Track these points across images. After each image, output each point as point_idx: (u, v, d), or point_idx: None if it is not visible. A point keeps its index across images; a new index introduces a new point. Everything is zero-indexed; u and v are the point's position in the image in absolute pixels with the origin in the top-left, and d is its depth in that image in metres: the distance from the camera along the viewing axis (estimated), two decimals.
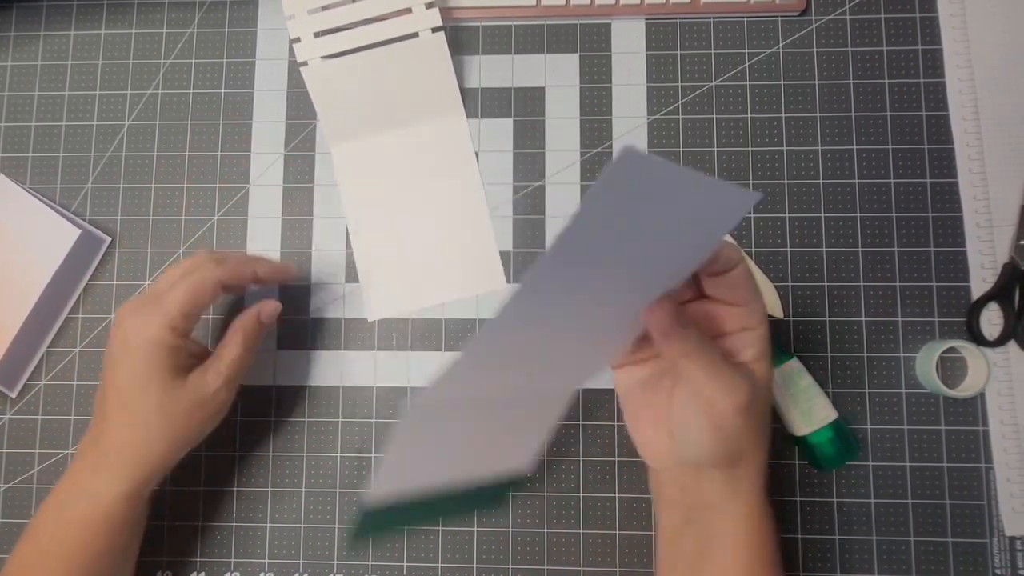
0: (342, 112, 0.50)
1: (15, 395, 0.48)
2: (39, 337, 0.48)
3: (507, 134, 0.50)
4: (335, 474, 0.47)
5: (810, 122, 0.50)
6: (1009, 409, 0.46)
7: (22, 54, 0.52)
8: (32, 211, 0.48)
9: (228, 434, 0.48)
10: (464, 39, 0.51)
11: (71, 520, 0.38)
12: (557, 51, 0.51)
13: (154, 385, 0.38)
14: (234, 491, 0.47)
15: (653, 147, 0.50)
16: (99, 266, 0.50)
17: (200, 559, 0.47)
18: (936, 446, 0.46)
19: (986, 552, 0.45)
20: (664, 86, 0.50)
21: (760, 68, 0.50)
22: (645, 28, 0.51)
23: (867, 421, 0.47)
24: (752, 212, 0.49)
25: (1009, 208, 0.48)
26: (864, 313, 0.48)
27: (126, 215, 0.50)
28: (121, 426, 0.39)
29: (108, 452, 0.39)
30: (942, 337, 0.47)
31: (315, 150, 0.51)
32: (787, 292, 0.48)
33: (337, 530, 0.47)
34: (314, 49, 0.48)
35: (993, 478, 0.46)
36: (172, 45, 0.52)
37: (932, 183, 0.49)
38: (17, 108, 0.52)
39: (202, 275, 0.39)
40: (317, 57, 0.48)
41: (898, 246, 0.48)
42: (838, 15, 0.51)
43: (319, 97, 0.49)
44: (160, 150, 0.51)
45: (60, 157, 0.51)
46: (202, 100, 0.51)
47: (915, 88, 0.50)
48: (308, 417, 0.48)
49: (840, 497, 0.46)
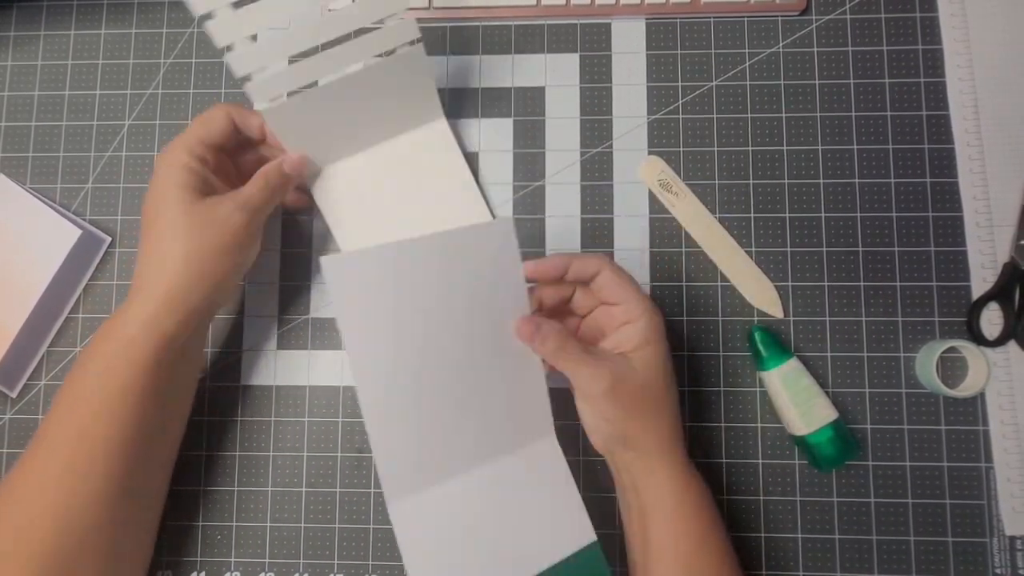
0: (312, 143, 0.45)
1: (15, 395, 0.48)
2: (39, 337, 0.48)
3: (507, 134, 0.50)
4: (335, 474, 0.47)
5: (810, 122, 0.50)
6: (1009, 409, 0.46)
7: (22, 54, 0.52)
8: (32, 211, 0.48)
9: (228, 434, 0.48)
10: (464, 39, 0.51)
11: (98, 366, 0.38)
12: (557, 51, 0.51)
13: (170, 199, 0.39)
14: (234, 491, 0.47)
15: (653, 147, 0.50)
16: (99, 266, 0.50)
17: (200, 559, 0.47)
18: (936, 446, 0.46)
19: (986, 552, 0.45)
20: (664, 86, 0.50)
21: (760, 68, 0.50)
22: (645, 28, 0.51)
23: (867, 421, 0.47)
24: (752, 212, 0.49)
25: (1009, 208, 0.48)
26: (864, 313, 0.48)
27: (126, 215, 0.50)
28: (143, 255, 0.39)
29: (133, 288, 0.39)
30: (942, 337, 0.47)
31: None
32: (787, 292, 0.48)
33: (337, 530, 0.47)
34: (271, 89, 0.40)
35: (993, 478, 0.46)
36: (172, 45, 0.52)
37: (932, 183, 0.49)
38: (17, 108, 0.52)
39: (213, 107, 0.42)
40: (281, 96, 0.41)
41: (898, 246, 0.48)
42: (838, 15, 0.51)
43: (286, 136, 0.43)
44: (160, 150, 0.51)
45: (60, 157, 0.51)
46: (202, 100, 0.51)
47: (915, 88, 0.50)
48: (308, 417, 0.48)
49: (840, 497, 0.46)
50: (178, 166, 0.39)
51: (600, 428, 0.39)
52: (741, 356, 0.48)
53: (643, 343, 0.39)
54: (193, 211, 0.38)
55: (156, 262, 0.39)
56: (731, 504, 0.46)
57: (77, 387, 0.38)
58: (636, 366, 0.38)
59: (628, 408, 0.38)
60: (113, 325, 0.39)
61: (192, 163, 0.39)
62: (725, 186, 0.49)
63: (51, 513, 0.36)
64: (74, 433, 0.38)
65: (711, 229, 0.48)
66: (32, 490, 0.37)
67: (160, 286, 0.38)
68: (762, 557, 0.46)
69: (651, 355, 0.39)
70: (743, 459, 0.47)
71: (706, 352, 0.48)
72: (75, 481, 0.37)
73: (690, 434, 0.47)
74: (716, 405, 0.47)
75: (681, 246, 0.49)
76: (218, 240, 0.39)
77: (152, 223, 0.39)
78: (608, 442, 0.40)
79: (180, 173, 0.39)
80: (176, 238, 0.38)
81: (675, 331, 0.48)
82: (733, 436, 0.47)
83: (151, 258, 0.39)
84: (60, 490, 0.37)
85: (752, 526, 0.46)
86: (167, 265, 0.38)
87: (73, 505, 0.37)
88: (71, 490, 0.37)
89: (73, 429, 0.38)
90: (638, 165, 0.49)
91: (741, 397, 0.47)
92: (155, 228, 0.39)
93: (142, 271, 0.39)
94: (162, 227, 0.39)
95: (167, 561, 0.47)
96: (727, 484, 0.46)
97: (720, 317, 0.48)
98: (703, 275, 0.48)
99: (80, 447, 0.37)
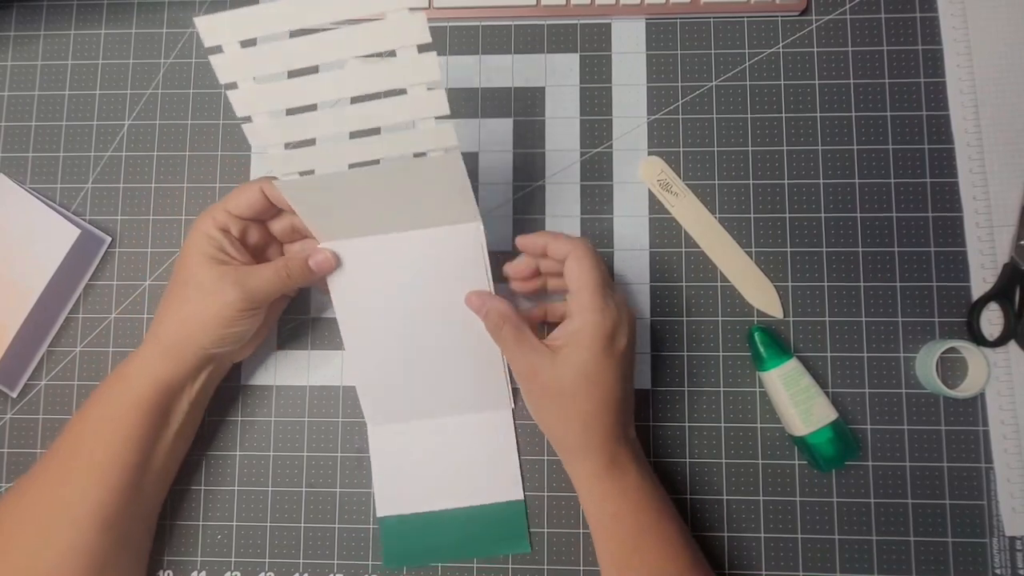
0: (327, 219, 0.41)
1: (16, 395, 0.48)
2: (39, 337, 0.48)
3: (507, 134, 0.50)
4: (335, 474, 0.47)
5: (810, 122, 0.50)
6: (1009, 409, 0.46)
7: (22, 54, 0.52)
8: (32, 211, 0.48)
9: (229, 433, 0.48)
10: (464, 39, 0.51)
11: (105, 402, 0.41)
12: (557, 51, 0.51)
13: (186, 262, 0.41)
14: (234, 490, 0.47)
15: (653, 147, 0.50)
16: (99, 266, 0.50)
17: (200, 559, 0.47)
18: (936, 446, 0.46)
19: (986, 552, 0.45)
20: (664, 86, 0.50)
21: (760, 68, 0.50)
22: (645, 28, 0.51)
23: (867, 421, 0.47)
24: (752, 212, 0.49)
25: (1009, 208, 0.48)
26: (864, 313, 0.48)
27: (126, 215, 0.50)
28: (159, 306, 0.42)
29: (146, 334, 0.43)
30: (942, 337, 0.47)
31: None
32: (787, 292, 0.48)
33: (337, 530, 0.47)
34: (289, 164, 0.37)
35: (993, 478, 0.46)
36: (172, 45, 0.52)
37: (932, 183, 0.49)
38: (17, 108, 0.52)
39: (249, 182, 0.42)
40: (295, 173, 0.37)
41: (898, 246, 0.48)
42: (838, 15, 0.51)
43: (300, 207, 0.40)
44: (160, 150, 0.51)
45: (60, 157, 0.51)
46: (202, 100, 0.51)
47: (915, 88, 0.50)
48: (308, 417, 0.48)
49: (840, 497, 0.46)
50: (200, 232, 0.41)
51: (543, 424, 0.42)
52: (741, 356, 0.48)
53: (567, 343, 0.39)
54: (198, 277, 0.40)
55: (161, 315, 0.42)
56: (730, 504, 0.46)
57: (79, 422, 0.41)
58: (554, 363, 0.39)
59: (535, 405, 0.41)
60: (121, 364, 0.42)
61: (212, 231, 0.41)
62: (725, 186, 0.49)
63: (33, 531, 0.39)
64: (71, 457, 0.40)
65: (711, 229, 0.48)
66: (22, 509, 0.40)
67: (159, 338, 0.41)
68: (762, 557, 0.46)
69: (569, 358, 0.38)
70: (743, 459, 0.47)
71: (706, 352, 0.48)
72: (61, 507, 0.39)
73: (690, 434, 0.47)
74: (716, 405, 0.47)
75: (681, 246, 0.49)
76: (210, 311, 0.40)
77: (171, 279, 0.42)
78: (550, 439, 0.42)
79: (199, 240, 0.41)
80: (178, 297, 0.41)
81: (675, 331, 0.48)
82: (733, 436, 0.47)
83: (161, 311, 0.42)
84: (47, 513, 0.39)
85: (752, 526, 0.46)
86: (165, 321, 0.41)
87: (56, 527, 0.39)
88: (59, 513, 0.39)
89: (70, 453, 0.41)
90: (638, 165, 0.49)
91: (741, 397, 0.47)
92: (170, 284, 0.42)
93: (154, 320, 0.42)
94: (174, 285, 0.42)
95: (168, 560, 0.47)
96: (727, 484, 0.46)
97: (720, 317, 0.48)
98: (703, 275, 0.48)
99: (71, 472, 0.40)
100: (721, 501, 0.46)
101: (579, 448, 0.40)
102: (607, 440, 0.40)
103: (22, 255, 0.47)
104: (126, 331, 0.49)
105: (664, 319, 0.48)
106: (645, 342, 0.48)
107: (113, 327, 0.49)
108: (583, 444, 0.40)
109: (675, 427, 0.47)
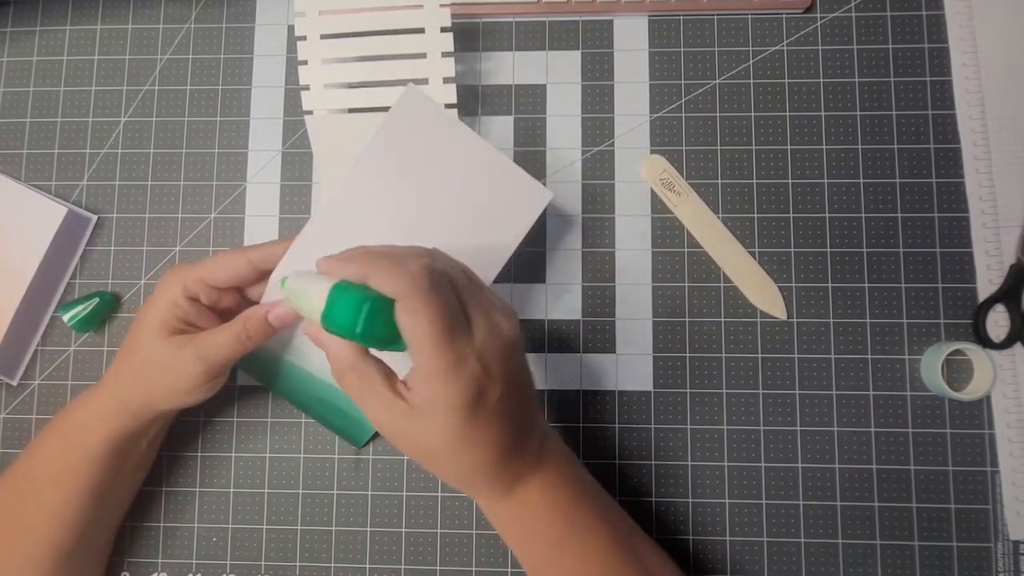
0: (343, 164, 0.45)
1: (16, 383, 0.48)
2: (35, 323, 0.48)
3: (508, 132, 0.50)
4: (332, 476, 0.47)
5: (814, 121, 0.49)
6: (1015, 412, 0.46)
7: (17, 49, 0.52)
8: (17, 195, 0.48)
9: (224, 435, 0.47)
10: (465, 36, 0.50)
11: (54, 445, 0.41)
12: (559, 48, 0.50)
13: (146, 324, 0.39)
14: (230, 492, 0.47)
15: (655, 146, 0.49)
16: (95, 265, 0.49)
17: (195, 561, 0.46)
18: (941, 449, 0.46)
19: (990, 556, 0.45)
20: (667, 83, 0.50)
21: (764, 66, 0.50)
22: (648, 25, 0.50)
23: (872, 424, 0.46)
24: (756, 212, 0.48)
25: (1016, 209, 0.47)
26: (869, 315, 0.47)
27: (121, 212, 0.50)
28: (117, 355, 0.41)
29: (104, 377, 0.41)
30: (948, 339, 0.47)
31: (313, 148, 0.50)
32: (791, 293, 0.48)
33: (334, 532, 0.46)
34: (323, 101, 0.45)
35: (998, 482, 0.45)
36: (169, 41, 0.51)
37: (938, 183, 0.48)
38: (12, 104, 0.51)
39: (233, 249, 0.41)
40: (324, 110, 0.46)
41: (903, 247, 0.48)
42: (843, 12, 0.50)
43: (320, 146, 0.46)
44: (156, 147, 0.50)
45: (55, 154, 0.50)
46: (199, 96, 0.51)
47: (921, 87, 0.49)
48: (305, 418, 0.47)
49: (844, 501, 0.46)
50: (166, 298, 0.40)
51: None
52: (744, 358, 0.47)
53: (423, 407, 0.32)
54: (156, 355, 0.39)
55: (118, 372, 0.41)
56: (733, 508, 0.46)
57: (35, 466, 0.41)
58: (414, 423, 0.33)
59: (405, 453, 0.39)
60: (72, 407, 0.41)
61: (179, 299, 0.39)
62: (728, 185, 0.49)
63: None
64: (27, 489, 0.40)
65: (714, 229, 0.48)
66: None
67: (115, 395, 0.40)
68: (764, 561, 0.45)
69: (429, 423, 0.32)
70: (746, 462, 0.46)
71: (708, 354, 0.47)
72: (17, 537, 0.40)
73: (692, 437, 0.46)
74: (719, 407, 0.47)
75: (683, 246, 0.48)
76: (169, 383, 0.39)
77: (129, 333, 0.41)
78: None
79: (163, 307, 0.39)
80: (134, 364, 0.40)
81: (677, 332, 0.47)
82: (736, 439, 0.46)
83: (117, 368, 0.41)
84: None
85: (755, 530, 0.46)
86: (123, 382, 0.40)
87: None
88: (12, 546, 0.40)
89: (27, 486, 0.41)
90: (640, 164, 0.49)
91: (744, 399, 0.47)
92: (128, 339, 0.41)
93: (110, 373, 0.41)
94: (130, 343, 0.40)
95: (162, 564, 0.46)
96: (729, 487, 0.46)
97: (723, 318, 0.47)
98: (705, 276, 0.48)
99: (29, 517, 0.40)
100: (723, 504, 0.46)
101: (467, 489, 0.37)
102: (499, 478, 0.35)
103: (10, 239, 0.47)
104: (122, 332, 0.49)
105: (666, 320, 0.48)
106: (647, 343, 0.47)
107: (109, 327, 0.49)
108: (469, 489, 0.36)
109: (677, 429, 0.47)
